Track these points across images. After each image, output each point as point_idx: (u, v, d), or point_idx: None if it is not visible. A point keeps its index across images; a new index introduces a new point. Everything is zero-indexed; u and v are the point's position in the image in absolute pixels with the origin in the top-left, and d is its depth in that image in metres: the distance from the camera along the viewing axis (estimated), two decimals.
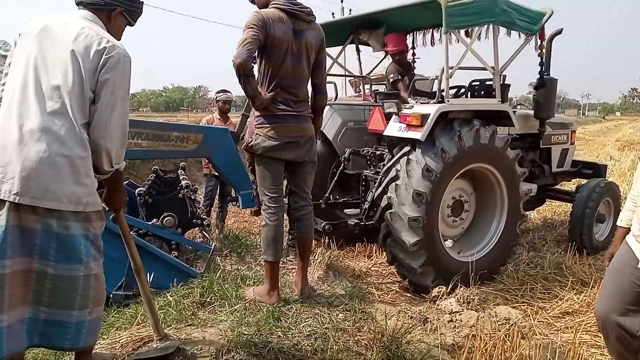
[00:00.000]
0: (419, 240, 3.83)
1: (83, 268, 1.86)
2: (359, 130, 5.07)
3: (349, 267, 4.72)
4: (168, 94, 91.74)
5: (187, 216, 3.80)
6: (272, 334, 2.58)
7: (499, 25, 4.28)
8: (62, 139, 1.78)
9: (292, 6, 2.81)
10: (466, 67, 4.32)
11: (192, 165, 9.75)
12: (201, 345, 2.44)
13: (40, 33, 1.86)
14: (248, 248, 3.98)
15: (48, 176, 1.76)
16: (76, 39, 1.83)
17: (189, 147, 3.50)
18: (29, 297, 1.82)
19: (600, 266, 4.65)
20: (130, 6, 2.07)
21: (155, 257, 3.13)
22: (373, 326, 2.85)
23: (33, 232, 1.78)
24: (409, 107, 4.06)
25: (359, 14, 5.26)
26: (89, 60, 1.83)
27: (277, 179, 2.98)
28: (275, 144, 2.86)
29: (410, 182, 3.87)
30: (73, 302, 1.86)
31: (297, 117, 2.93)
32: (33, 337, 1.85)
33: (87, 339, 1.93)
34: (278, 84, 2.85)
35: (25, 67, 1.84)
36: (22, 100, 1.79)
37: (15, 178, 1.73)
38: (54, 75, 1.81)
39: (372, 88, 5.46)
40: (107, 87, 1.85)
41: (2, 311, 1.73)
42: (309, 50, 2.89)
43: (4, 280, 1.73)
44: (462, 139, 3.91)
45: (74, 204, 1.82)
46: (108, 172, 1.98)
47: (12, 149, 1.74)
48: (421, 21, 5.22)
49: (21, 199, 1.73)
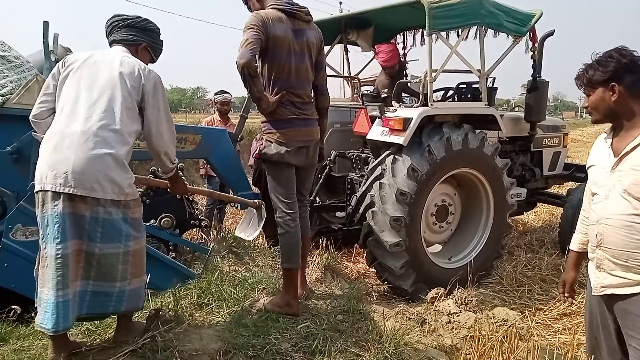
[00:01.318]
0: (400, 241, 3.79)
1: (122, 246, 2.22)
2: (345, 133, 5.00)
3: (347, 268, 4.73)
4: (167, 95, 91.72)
5: (185, 217, 3.80)
6: (270, 335, 2.57)
7: (485, 27, 4.22)
8: (107, 140, 2.15)
9: (290, 6, 2.79)
10: (451, 69, 4.28)
11: (190, 166, 9.75)
12: (199, 347, 2.44)
13: (87, 61, 2.29)
14: (246, 249, 3.97)
15: (96, 171, 2.11)
16: (121, 64, 2.27)
17: (187, 148, 3.49)
18: (80, 274, 2.19)
19: None
20: (154, 42, 2.55)
21: (153, 258, 3.12)
22: (371, 327, 2.85)
23: (83, 218, 2.14)
24: (392, 111, 4.02)
25: (347, 13, 5.21)
26: (133, 79, 2.26)
27: (291, 184, 2.92)
28: (287, 150, 2.81)
29: (394, 181, 3.82)
30: (115, 274, 2.23)
31: (305, 120, 2.88)
32: (82, 307, 2.21)
33: (128, 304, 2.30)
34: (283, 85, 2.79)
35: (77, 86, 2.23)
36: (73, 111, 2.18)
37: (68, 172, 2.07)
38: (102, 92, 2.21)
39: (360, 89, 5.42)
40: (154, 106, 2.32)
41: (67, 286, 2.10)
42: (311, 50, 2.86)
43: (68, 259, 2.10)
44: (450, 142, 3.87)
45: (117, 194, 2.18)
46: (172, 169, 2.53)
47: (65, 149, 2.10)
48: (409, 21, 5.18)
49: (74, 190, 2.08)
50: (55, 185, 2.08)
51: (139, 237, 2.32)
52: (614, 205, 1.91)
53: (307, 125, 2.89)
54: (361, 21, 5.21)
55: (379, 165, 4.02)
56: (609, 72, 1.88)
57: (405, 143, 3.80)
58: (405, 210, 3.78)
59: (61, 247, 2.08)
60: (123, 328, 2.44)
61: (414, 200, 3.81)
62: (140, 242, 2.34)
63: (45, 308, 2.11)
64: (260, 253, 3.99)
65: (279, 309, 2.80)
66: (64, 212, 2.09)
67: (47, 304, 2.11)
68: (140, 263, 2.35)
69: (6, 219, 2.75)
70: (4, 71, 2.98)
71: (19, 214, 2.72)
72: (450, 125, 4.01)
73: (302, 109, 2.86)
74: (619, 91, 1.87)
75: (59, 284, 2.08)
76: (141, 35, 2.48)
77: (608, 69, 1.88)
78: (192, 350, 2.41)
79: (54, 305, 2.08)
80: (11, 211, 2.78)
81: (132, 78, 2.26)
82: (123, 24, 2.44)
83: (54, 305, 2.08)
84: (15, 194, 2.92)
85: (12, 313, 2.75)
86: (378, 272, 4.09)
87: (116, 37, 2.45)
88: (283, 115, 2.80)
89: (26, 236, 2.72)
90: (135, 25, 2.46)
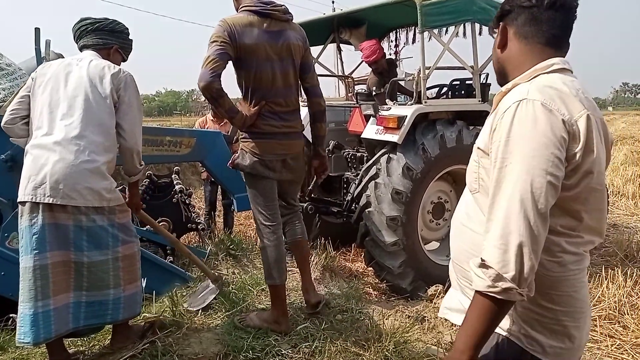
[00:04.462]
0: (398, 241, 3.79)
1: (111, 252, 2.22)
2: (340, 132, 4.98)
3: (346, 267, 4.72)
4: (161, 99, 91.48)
5: (182, 221, 3.80)
6: (270, 337, 2.57)
7: (478, 24, 4.20)
8: (84, 147, 2.14)
9: (264, 6, 2.52)
10: (444, 67, 4.27)
11: (186, 169, 9.72)
12: (199, 350, 2.44)
13: (57, 69, 2.26)
14: (244, 252, 3.97)
15: (74, 179, 2.09)
16: (90, 69, 2.26)
17: (182, 152, 3.50)
18: (71, 285, 2.17)
19: (596, 260, 4.66)
20: (123, 43, 2.52)
21: (151, 262, 3.11)
22: (370, 326, 2.85)
23: (66, 228, 2.13)
24: (386, 109, 4.01)
25: (339, 12, 5.19)
26: (105, 82, 2.24)
27: (270, 195, 2.71)
28: (262, 161, 2.61)
29: (390, 181, 3.81)
30: (107, 282, 2.22)
31: (285, 134, 2.65)
32: (79, 319, 2.20)
33: (125, 312, 2.29)
34: (260, 95, 2.56)
35: (49, 98, 2.21)
36: (50, 120, 2.17)
37: (46, 183, 2.07)
38: (74, 101, 2.19)
39: (354, 88, 5.41)
40: (128, 104, 2.30)
41: (48, 296, 2.08)
42: (292, 52, 2.59)
43: (47, 269, 2.07)
44: (444, 139, 3.87)
45: (98, 200, 2.16)
46: (138, 172, 2.41)
47: (42, 160, 2.10)
48: (402, 19, 5.16)
49: (53, 200, 2.07)
50: (34, 196, 2.08)
51: (128, 242, 2.30)
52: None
53: (286, 137, 2.66)
54: (354, 20, 5.19)
55: (374, 165, 4.01)
56: None
57: (400, 141, 3.80)
58: (401, 210, 3.78)
59: (39, 258, 2.06)
60: (119, 334, 2.43)
61: (410, 199, 3.80)
62: (131, 247, 2.32)
63: (23, 322, 2.07)
64: (258, 255, 3.98)
65: (267, 325, 2.67)
66: (44, 222, 2.08)
67: (24, 317, 2.07)
68: (133, 268, 2.33)
69: (2, 227, 2.74)
70: None
71: (15, 222, 2.70)
72: (444, 123, 4.00)
73: (285, 120, 2.64)
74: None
75: (38, 295, 2.06)
76: (111, 37, 2.45)
77: None
78: (192, 354, 2.41)
79: (34, 317, 2.05)
80: (7, 219, 2.76)
81: (103, 81, 2.25)
82: (92, 28, 2.41)
83: (33, 317, 2.05)
84: (11, 202, 2.90)
85: (10, 322, 2.74)
86: (376, 271, 4.08)
87: (86, 42, 2.42)
88: (262, 127, 2.59)
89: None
90: (104, 29, 2.43)
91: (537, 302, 1.18)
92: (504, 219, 1.06)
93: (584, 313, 1.22)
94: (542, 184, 1.04)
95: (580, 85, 1.18)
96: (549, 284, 1.16)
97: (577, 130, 1.08)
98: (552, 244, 1.14)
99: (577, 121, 1.08)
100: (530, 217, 1.04)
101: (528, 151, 1.06)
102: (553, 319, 1.19)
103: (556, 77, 1.17)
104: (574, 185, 1.11)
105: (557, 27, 1.21)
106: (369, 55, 4.92)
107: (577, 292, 1.19)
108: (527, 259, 1.03)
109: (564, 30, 1.23)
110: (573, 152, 1.08)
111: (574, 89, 1.14)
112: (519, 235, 1.04)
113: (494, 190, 1.11)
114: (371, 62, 5.00)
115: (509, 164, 1.08)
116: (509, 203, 1.06)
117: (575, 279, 1.18)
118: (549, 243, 1.12)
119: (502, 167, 1.10)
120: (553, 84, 1.14)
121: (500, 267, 1.04)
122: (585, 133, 1.08)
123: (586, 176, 1.10)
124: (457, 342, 1.13)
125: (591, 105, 1.14)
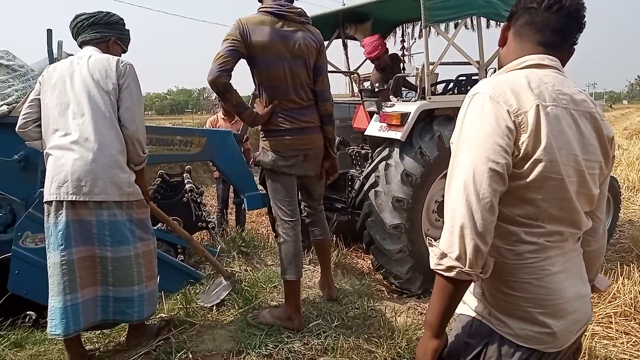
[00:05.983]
0: (403, 247, 3.73)
1: (132, 248, 2.26)
2: (345, 129, 4.92)
3: (357, 264, 4.72)
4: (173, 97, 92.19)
5: (192, 219, 3.81)
6: (282, 334, 2.58)
7: (483, 18, 4.11)
8: (99, 143, 2.18)
9: (279, 7, 2.57)
10: (449, 62, 4.19)
11: (198, 168, 9.78)
12: (212, 347, 2.45)
13: (62, 71, 2.30)
14: (256, 249, 3.98)
15: (94, 174, 2.15)
16: (90, 65, 2.28)
17: (192, 151, 3.51)
18: (98, 279, 2.24)
19: (611, 256, 4.60)
20: (120, 34, 2.52)
21: (162, 261, 3.13)
22: (383, 323, 2.84)
23: (89, 224, 2.19)
24: (390, 106, 3.94)
25: (344, 7, 5.13)
26: (106, 74, 2.27)
27: (290, 190, 2.76)
28: (282, 158, 2.69)
29: (389, 189, 3.73)
30: (132, 278, 2.27)
31: (302, 129, 2.70)
32: (107, 312, 2.28)
33: (148, 309, 2.34)
34: (274, 94, 2.63)
35: (58, 99, 2.25)
36: (65, 121, 2.22)
37: (68, 181, 2.13)
38: (83, 99, 2.23)
39: (362, 84, 5.32)
40: (128, 91, 2.30)
41: (76, 290, 2.16)
42: (305, 52, 2.62)
43: (74, 264, 2.15)
44: (442, 139, 3.76)
45: (118, 195, 2.21)
46: (142, 160, 2.39)
47: (64, 159, 2.16)
48: (407, 14, 5.08)
49: (75, 197, 2.13)
50: (58, 195, 2.14)
51: (145, 239, 2.35)
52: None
53: (304, 132, 2.72)
54: (359, 15, 5.12)
55: (373, 172, 3.93)
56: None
57: (403, 138, 3.72)
58: (403, 217, 3.71)
59: (66, 254, 2.14)
60: (135, 332, 2.46)
61: (411, 205, 3.72)
62: (149, 243, 2.37)
63: (54, 315, 2.16)
64: (270, 252, 4.00)
65: (279, 322, 2.68)
66: (68, 219, 2.15)
67: (55, 310, 2.16)
68: (151, 265, 2.38)
69: (15, 226, 2.78)
70: (9, 80, 3.01)
71: (28, 222, 2.75)
72: (441, 122, 3.89)
73: (299, 115, 2.68)
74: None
75: (66, 289, 2.14)
76: (107, 30, 2.46)
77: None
78: (206, 350, 2.42)
79: (63, 310, 2.14)
80: (20, 219, 2.80)
81: (104, 74, 2.27)
82: (88, 23, 2.42)
83: (62, 310, 2.14)
84: (24, 201, 2.94)
85: (27, 319, 2.79)
86: (385, 277, 4.05)
87: (84, 38, 2.44)
88: (277, 125, 2.67)
89: (36, 243, 2.75)
90: (99, 22, 2.44)
91: (498, 288, 1.24)
92: (452, 204, 1.15)
93: (555, 301, 1.21)
94: (484, 170, 1.11)
95: (555, 80, 1.20)
96: (506, 271, 1.22)
97: (524, 120, 1.12)
98: (510, 233, 1.20)
99: (526, 112, 1.12)
100: (472, 202, 1.11)
101: (474, 141, 1.14)
102: (515, 304, 1.22)
103: (522, 72, 1.22)
104: (526, 173, 1.15)
105: (551, 29, 1.24)
106: (371, 52, 4.88)
107: (538, 280, 1.20)
108: (468, 239, 1.11)
109: (559, 32, 1.25)
110: (521, 142, 1.13)
111: (538, 82, 1.17)
112: (461, 218, 1.11)
113: (448, 178, 1.19)
114: (373, 58, 4.96)
115: (459, 154, 1.17)
116: (456, 189, 1.14)
117: (536, 267, 1.20)
118: (507, 232, 1.20)
119: (454, 157, 1.19)
120: (511, 77, 1.20)
121: (446, 247, 1.14)
122: (533, 123, 1.12)
123: (536, 164, 1.14)
124: (425, 321, 1.25)
125: (557, 98, 1.16)
